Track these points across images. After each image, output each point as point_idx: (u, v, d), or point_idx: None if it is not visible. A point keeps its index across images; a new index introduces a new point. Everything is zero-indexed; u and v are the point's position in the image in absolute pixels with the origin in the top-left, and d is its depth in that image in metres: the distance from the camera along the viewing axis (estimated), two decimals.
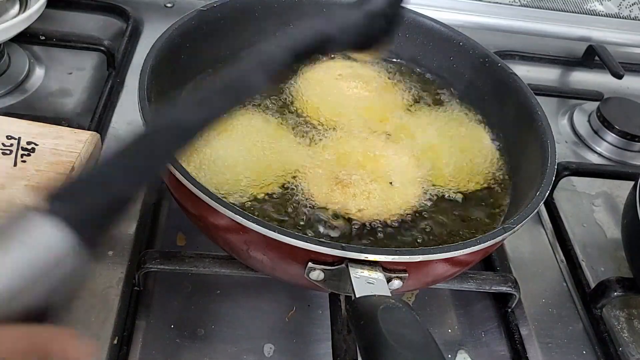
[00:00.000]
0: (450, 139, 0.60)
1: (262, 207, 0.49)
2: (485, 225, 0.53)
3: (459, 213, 0.54)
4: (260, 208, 0.49)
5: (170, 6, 0.91)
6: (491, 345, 0.56)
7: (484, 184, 0.57)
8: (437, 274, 0.47)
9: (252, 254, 0.44)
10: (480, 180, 0.57)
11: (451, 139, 0.60)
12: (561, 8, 1.04)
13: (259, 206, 0.49)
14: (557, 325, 0.58)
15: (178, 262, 0.52)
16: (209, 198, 0.41)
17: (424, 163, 0.57)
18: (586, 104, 0.89)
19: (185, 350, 0.51)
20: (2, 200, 0.48)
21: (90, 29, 0.82)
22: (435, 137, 0.60)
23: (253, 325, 0.53)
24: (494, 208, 0.55)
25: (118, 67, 0.75)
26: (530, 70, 0.95)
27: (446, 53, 0.66)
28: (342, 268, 0.41)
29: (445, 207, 0.54)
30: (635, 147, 0.82)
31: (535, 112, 0.56)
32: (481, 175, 0.58)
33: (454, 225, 0.52)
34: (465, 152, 0.59)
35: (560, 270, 0.64)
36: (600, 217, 0.72)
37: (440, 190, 0.55)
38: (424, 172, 0.56)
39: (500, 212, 0.55)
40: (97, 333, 0.48)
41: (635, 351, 0.58)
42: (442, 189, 0.55)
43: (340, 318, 0.49)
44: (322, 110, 0.60)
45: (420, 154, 0.58)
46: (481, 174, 0.58)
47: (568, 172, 0.70)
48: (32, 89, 0.71)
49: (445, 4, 1.00)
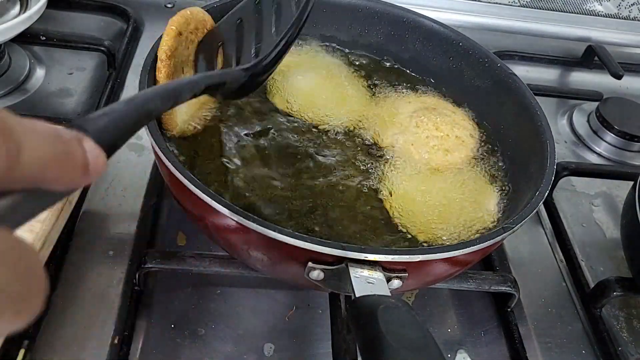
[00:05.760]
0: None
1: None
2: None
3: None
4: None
5: (170, 6, 0.91)
6: (491, 344, 0.57)
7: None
8: (436, 274, 0.47)
9: (252, 253, 0.45)
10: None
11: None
12: (561, 8, 1.04)
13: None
14: (557, 324, 0.58)
15: (178, 262, 0.52)
16: (209, 198, 0.41)
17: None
18: (585, 104, 0.89)
19: (185, 350, 0.51)
20: None
21: (90, 29, 0.83)
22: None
23: (253, 325, 0.54)
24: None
25: (118, 67, 0.75)
26: (530, 71, 0.95)
27: (446, 53, 0.67)
28: (342, 268, 0.41)
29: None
30: (635, 147, 0.82)
31: (535, 112, 0.57)
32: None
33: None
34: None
35: (559, 270, 0.64)
36: (599, 217, 0.72)
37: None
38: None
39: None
40: (98, 333, 0.48)
41: (634, 351, 0.58)
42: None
43: (340, 318, 0.49)
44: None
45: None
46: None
47: (567, 172, 0.70)
48: (33, 89, 0.72)
49: (445, 4, 1.00)
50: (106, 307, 0.50)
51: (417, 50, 0.68)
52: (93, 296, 0.51)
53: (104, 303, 0.50)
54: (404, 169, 0.56)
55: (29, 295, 0.18)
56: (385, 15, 0.68)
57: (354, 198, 0.53)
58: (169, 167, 0.42)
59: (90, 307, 0.50)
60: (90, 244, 0.55)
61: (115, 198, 0.59)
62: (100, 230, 0.56)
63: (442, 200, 0.54)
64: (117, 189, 0.60)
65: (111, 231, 0.56)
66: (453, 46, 0.66)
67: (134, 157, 0.64)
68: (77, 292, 0.51)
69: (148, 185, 0.61)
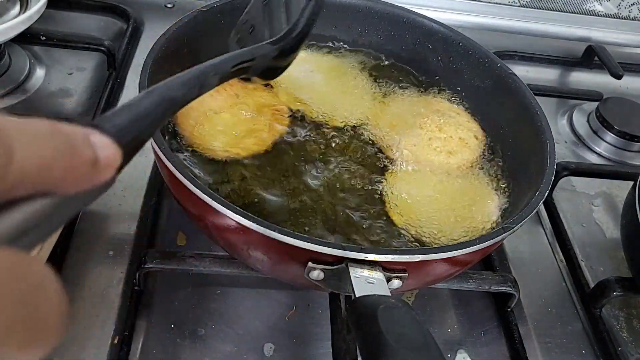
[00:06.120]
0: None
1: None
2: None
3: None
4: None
5: (170, 6, 0.91)
6: (491, 344, 0.57)
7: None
8: (436, 274, 0.47)
9: (252, 253, 0.45)
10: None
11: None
12: (560, 8, 1.04)
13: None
14: (557, 324, 0.58)
15: (178, 262, 0.52)
16: (209, 198, 0.41)
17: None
18: (585, 104, 0.89)
19: (185, 350, 0.51)
20: None
21: (90, 29, 0.83)
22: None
23: (253, 325, 0.54)
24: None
25: (118, 67, 0.75)
26: (530, 71, 0.95)
27: (446, 53, 0.67)
28: (342, 268, 0.41)
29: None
30: (635, 147, 0.82)
31: (535, 112, 0.57)
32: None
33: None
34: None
35: (559, 270, 0.64)
36: (599, 217, 0.72)
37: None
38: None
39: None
40: (98, 333, 0.48)
41: (634, 351, 0.58)
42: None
43: (340, 318, 0.49)
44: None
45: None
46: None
47: (567, 172, 0.70)
48: (33, 89, 0.72)
49: (445, 4, 1.00)
50: (106, 307, 0.50)
51: (417, 50, 0.68)
52: (93, 296, 0.51)
53: (104, 303, 0.50)
54: (406, 170, 0.56)
55: (39, 321, 0.16)
56: (385, 15, 0.68)
57: (355, 197, 0.53)
58: (169, 167, 0.42)
59: (90, 307, 0.50)
60: (90, 244, 0.55)
61: (115, 198, 0.59)
62: (100, 230, 0.56)
63: (442, 201, 0.54)
64: (117, 189, 0.60)
65: (111, 231, 0.56)
66: (453, 46, 0.66)
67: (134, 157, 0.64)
68: (77, 292, 0.51)
69: (148, 185, 0.61)
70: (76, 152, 0.19)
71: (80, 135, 0.20)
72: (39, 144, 0.18)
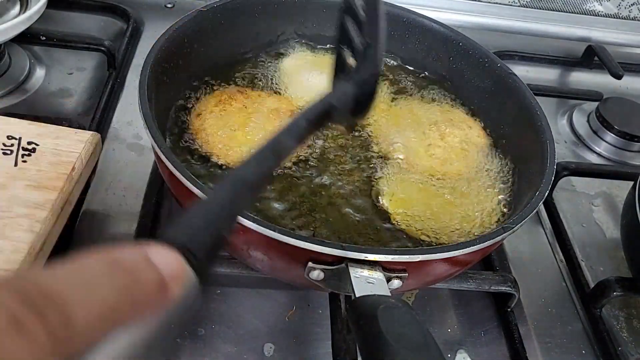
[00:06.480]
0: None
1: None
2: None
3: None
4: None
5: (170, 6, 0.91)
6: (491, 344, 0.57)
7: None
8: (436, 274, 0.47)
9: (252, 253, 0.45)
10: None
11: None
12: (560, 8, 1.04)
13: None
14: (557, 324, 0.58)
15: None
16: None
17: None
18: (585, 104, 0.89)
19: (185, 350, 0.51)
20: (2, 200, 0.48)
21: (90, 29, 0.83)
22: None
23: (253, 325, 0.53)
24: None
25: (118, 68, 0.75)
26: (530, 71, 0.95)
27: (446, 53, 0.67)
28: (342, 268, 0.41)
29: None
30: (635, 147, 0.82)
31: (535, 112, 0.57)
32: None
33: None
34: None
35: (559, 270, 0.64)
36: (599, 217, 0.72)
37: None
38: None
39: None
40: None
41: (634, 351, 0.58)
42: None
43: (340, 318, 0.49)
44: None
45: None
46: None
47: (567, 172, 0.70)
48: (33, 89, 0.72)
49: (445, 4, 1.00)
50: None
51: (416, 50, 0.68)
52: None
53: None
54: (407, 173, 0.56)
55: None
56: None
57: (355, 199, 0.53)
58: (169, 167, 0.42)
59: None
60: (90, 244, 0.55)
61: (115, 198, 0.59)
62: (100, 230, 0.56)
63: (443, 201, 0.54)
64: (117, 189, 0.60)
65: (111, 231, 0.56)
66: (453, 46, 0.66)
67: (134, 157, 0.64)
68: None
69: (148, 185, 0.61)
70: (139, 283, 0.18)
71: (141, 262, 0.18)
72: (97, 291, 0.17)
